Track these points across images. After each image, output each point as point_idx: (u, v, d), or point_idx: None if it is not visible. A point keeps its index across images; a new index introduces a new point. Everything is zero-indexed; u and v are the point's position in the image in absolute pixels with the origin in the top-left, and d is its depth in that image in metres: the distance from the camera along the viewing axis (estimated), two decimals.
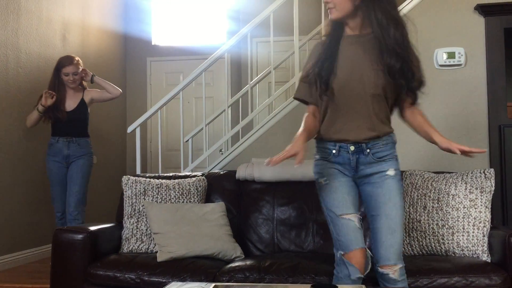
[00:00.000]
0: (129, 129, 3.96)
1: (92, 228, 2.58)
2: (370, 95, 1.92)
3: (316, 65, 1.97)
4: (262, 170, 3.00)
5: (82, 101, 3.90)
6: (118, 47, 6.39)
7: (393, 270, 1.92)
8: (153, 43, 6.54)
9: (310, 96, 2.04)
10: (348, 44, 1.97)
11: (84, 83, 3.99)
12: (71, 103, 3.86)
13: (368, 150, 1.96)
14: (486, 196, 2.39)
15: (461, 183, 2.43)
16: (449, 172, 2.59)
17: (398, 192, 1.97)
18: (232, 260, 2.58)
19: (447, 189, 2.44)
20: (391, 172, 1.97)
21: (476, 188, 2.40)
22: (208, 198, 2.96)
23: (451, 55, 3.40)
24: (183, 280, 2.29)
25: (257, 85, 4.94)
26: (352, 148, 1.97)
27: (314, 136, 2.06)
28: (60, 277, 2.49)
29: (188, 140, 4.62)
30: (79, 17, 5.40)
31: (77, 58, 3.86)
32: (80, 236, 2.48)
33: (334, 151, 1.99)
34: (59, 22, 4.98)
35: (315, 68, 1.97)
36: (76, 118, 3.84)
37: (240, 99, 4.94)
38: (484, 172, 2.42)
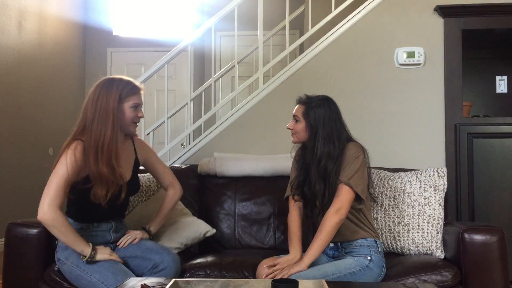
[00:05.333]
0: None
1: None
2: None
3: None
4: (224, 165, 2.99)
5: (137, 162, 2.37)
6: (77, 36, 6.21)
7: None
8: (114, 34, 6.39)
9: None
10: None
11: None
12: (127, 166, 2.26)
13: None
14: (440, 194, 2.46)
15: (416, 182, 2.50)
16: (404, 171, 2.64)
17: None
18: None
19: (403, 187, 2.50)
20: None
21: (430, 186, 2.47)
22: None
23: (410, 55, 3.48)
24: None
25: (220, 79, 4.91)
26: None
27: None
28: (14, 274, 2.39)
29: (149, 133, 4.54)
30: (36, 3, 5.21)
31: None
32: (35, 231, 2.38)
33: None
34: (14, 8, 4.79)
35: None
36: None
37: (203, 93, 4.89)
38: (437, 170, 2.49)
